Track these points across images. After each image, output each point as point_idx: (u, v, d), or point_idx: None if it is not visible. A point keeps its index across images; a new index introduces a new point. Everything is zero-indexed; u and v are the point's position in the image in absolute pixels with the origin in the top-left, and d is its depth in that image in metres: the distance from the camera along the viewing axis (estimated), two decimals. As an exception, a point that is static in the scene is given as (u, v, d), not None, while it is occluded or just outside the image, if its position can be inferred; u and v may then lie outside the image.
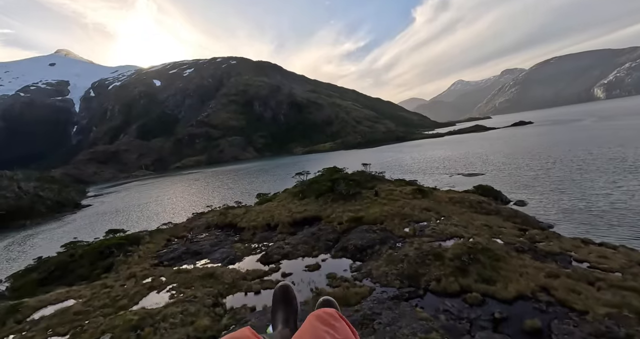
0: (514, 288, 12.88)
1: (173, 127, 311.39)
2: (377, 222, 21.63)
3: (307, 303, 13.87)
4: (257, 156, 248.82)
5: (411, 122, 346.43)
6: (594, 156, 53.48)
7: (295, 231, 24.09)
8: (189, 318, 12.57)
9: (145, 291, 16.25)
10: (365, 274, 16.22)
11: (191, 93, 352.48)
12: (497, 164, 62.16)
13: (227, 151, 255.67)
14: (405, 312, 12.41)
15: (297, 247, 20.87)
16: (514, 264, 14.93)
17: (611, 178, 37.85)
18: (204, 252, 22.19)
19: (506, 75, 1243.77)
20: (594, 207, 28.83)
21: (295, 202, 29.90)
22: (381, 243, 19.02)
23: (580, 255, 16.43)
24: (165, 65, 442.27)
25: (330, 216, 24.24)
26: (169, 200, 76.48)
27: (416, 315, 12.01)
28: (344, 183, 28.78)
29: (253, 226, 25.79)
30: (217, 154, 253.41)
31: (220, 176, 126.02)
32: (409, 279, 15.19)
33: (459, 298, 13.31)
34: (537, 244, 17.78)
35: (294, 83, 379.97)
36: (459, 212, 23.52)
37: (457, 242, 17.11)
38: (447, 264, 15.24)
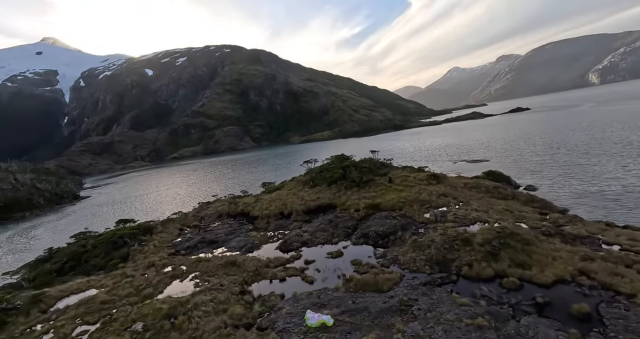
0: (552, 272, 12.65)
1: (167, 118, 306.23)
2: (396, 208, 21.27)
3: (338, 288, 13.57)
4: (254, 145, 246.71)
5: (408, 111, 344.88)
6: (599, 141, 53.45)
7: (310, 219, 23.71)
8: (221, 306, 12.19)
9: (167, 279, 15.83)
10: (392, 261, 15.93)
11: (185, 83, 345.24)
12: (500, 150, 61.99)
13: (223, 141, 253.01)
14: (442, 298, 12.14)
15: (315, 235, 20.49)
16: (545, 248, 14.70)
17: (620, 162, 37.82)
18: (220, 241, 21.75)
19: (502, 62, 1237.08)
20: (608, 191, 28.76)
21: (306, 190, 29.41)
22: (403, 229, 18.70)
23: (609, 238, 16.27)
24: (156, 54, 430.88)
25: (346, 204, 23.83)
26: (169, 191, 75.61)
27: (455, 301, 11.75)
28: (356, 170, 28.27)
29: (266, 215, 25.34)
30: (213, 145, 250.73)
31: (218, 166, 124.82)
32: (438, 264, 14.92)
33: (494, 283, 13.09)
34: (562, 228, 17.57)
35: (289, 72, 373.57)
36: (477, 197, 23.24)
37: (482, 227, 16.82)
38: (477, 249, 14.96)
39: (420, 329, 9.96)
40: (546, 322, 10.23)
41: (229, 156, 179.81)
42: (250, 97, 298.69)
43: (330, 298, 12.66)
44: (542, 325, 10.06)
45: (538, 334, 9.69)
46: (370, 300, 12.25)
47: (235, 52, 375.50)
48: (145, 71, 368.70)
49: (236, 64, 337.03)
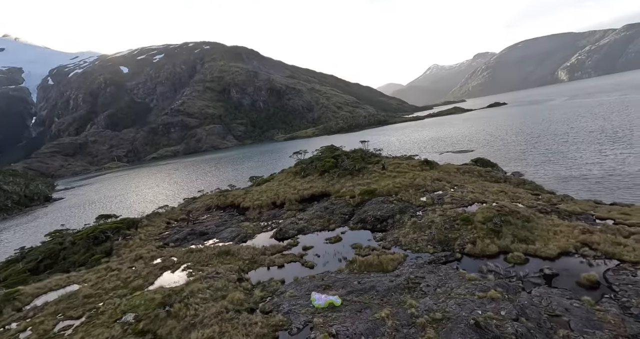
0: (555, 245, 12.63)
1: (145, 117, 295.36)
2: (392, 193, 20.97)
3: (341, 270, 13.06)
4: (238, 144, 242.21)
5: (390, 107, 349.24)
6: (575, 130, 55.69)
7: (305, 208, 23.05)
8: (219, 292, 11.38)
9: (158, 271, 14.77)
10: (393, 243, 15.56)
11: (163, 80, 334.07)
12: (483, 141, 63.47)
13: (205, 139, 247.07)
14: (449, 274, 11.85)
15: (311, 222, 19.87)
16: (545, 224, 14.75)
17: (597, 148, 39.41)
18: (210, 233, 20.71)
19: (478, 60, 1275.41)
20: (590, 174, 29.80)
21: (298, 180, 28.70)
22: (401, 212, 18.40)
23: (602, 214, 16.59)
24: (132, 51, 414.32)
25: (340, 191, 23.33)
26: (151, 190, 72.68)
27: (463, 276, 11.47)
28: (348, 159, 27.81)
29: (258, 205, 24.45)
30: (194, 144, 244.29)
31: (201, 164, 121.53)
32: (441, 244, 14.67)
33: (499, 259, 12.95)
34: (557, 206, 17.79)
35: (271, 69, 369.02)
36: (471, 181, 23.34)
37: (481, 207, 16.73)
38: (478, 227, 14.82)
39: (433, 304, 9.58)
40: (557, 292, 10.11)
41: (212, 155, 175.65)
42: (232, 95, 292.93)
43: (335, 280, 12.11)
44: (553, 295, 9.91)
45: (551, 303, 9.52)
46: (377, 280, 11.80)
47: (215, 48, 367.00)
48: (120, 69, 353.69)
49: (216, 61, 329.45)
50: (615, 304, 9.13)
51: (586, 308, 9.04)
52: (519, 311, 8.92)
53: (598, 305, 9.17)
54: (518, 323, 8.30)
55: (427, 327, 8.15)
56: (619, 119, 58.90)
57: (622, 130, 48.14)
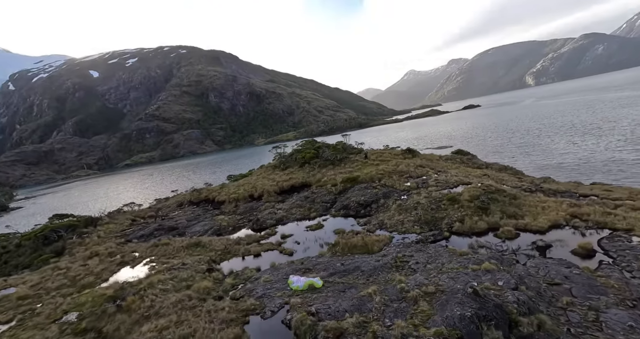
0: (545, 219, 12.09)
1: (118, 123, 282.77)
2: (375, 179, 20.12)
3: (322, 254, 11.90)
4: (217, 149, 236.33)
5: (370, 111, 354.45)
6: (546, 126, 57.80)
7: (284, 199, 21.74)
8: (183, 283, 9.89)
9: (114, 267, 12.97)
10: (377, 226, 14.59)
11: (137, 85, 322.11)
12: (461, 138, 64.63)
13: (183, 145, 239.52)
14: (439, 251, 10.96)
15: (291, 211, 18.62)
16: (532, 201, 14.28)
17: (570, 140, 40.75)
18: (181, 227, 18.92)
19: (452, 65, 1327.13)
20: (566, 163, 30.45)
21: (277, 173, 27.35)
22: (385, 197, 17.52)
23: (585, 191, 16.44)
24: (102, 54, 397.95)
25: (322, 180, 22.24)
26: (121, 195, 68.50)
27: (454, 252, 10.63)
28: (330, 149, 26.84)
29: (234, 199, 22.87)
30: (171, 149, 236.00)
31: (177, 169, 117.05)
32: (427, 224, 13.85)
33: (489, 235, 12.25)
34: (541, 186, 17.56)
35: (251, 73, 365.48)
36: (453, 167, 22.95)
37: (467, 187, 16.15)
38: (465, 206, 14.14)
39: (424, 279, 8.59)
40: (553, 262, 9.42)
41: (190, 160, 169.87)
42: (211, 99, 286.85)
43: (316, 263, 10.91)
44: (550, 265, 9.22)
45: (549, 272, 8.80)
46: (361, 261, 10.72)
47: (192, 52, 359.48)
48: (90, 73, 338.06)
49: (194, 65, 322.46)
50: (616, 269, 8.51)
51: (587, 274, 8.37)
52: (518, 280, 8.10)
53: (598, 271, 8.52)
54: (518, 292, 7.45)
55: (419, 300, 7.13)
56: (585, 116, 61.85)
57: (590, 124, 50.37)
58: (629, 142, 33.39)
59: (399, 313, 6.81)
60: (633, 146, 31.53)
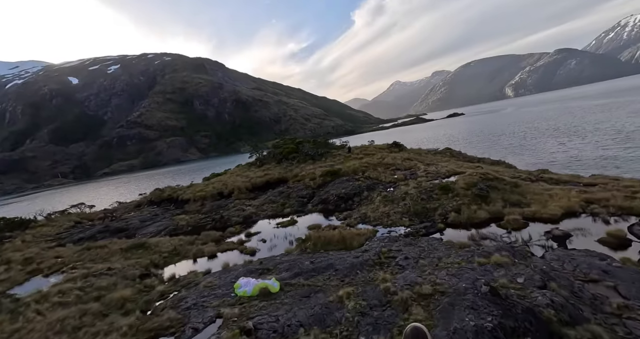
0: (556, 205, 10.13)
1: (98, 130, 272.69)
2: (358, 172, 17.96)
3: (290, 252, 9.50)
4: (202, 156, 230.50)
5: (357, 119, 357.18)
6: (531, 129, 57.78)
7: (257, 196, 19.23)
8: (95, 293, 7.24)
9: (22, 276, 10.07)
10: (359, 219, 12.32)
11: (119, 92, 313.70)
12: (447, 142, 63.78)
13: (166, 153, 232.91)
14: (433, 244, 8.76)
15: (261, 208, 16.15)
16: (535, 188, 12.41)
17: (557, 141, 40.12)
18: (131, 229, 16.02)
19: (436, 77, 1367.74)
20: (557, 160, 29.33)
21: (252, 170, 24.86)
22: (369, 189, 15.34)
23: (590, 181, 14.76)
24: (83, 61, 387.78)
25: (299, 175, 19.90)
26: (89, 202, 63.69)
27: (452, 245, 8.45)
28: (310, 143, 24.65)
29: (200, 197, 20.16)
30: (154, 157, 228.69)
31: (156, 176, 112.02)
32: (418, 215, 11.68)
33: (492, 227, 10.18)
34: (541, 176, 15.81)
35: (237, 81, 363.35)
36: (443, 160, 21.11)
37: (462, 175, 14.18)
38: (461, 194, 12.09)
39: (416, 277, 6.33)
40: (579, 253, 7.35)
41: (172, 168, 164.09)
42: (196, 107, 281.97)
43: (278, 263, 8.48)
44: (578, 257, 7.14)
45: (579, 266, 6.70)
46: (337, 257, 8.37)
47: (177, 60, 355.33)
48: (69, 79, 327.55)
49: (179, 72, 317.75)
50: (666, 259, 6.50)
51: (633, 268, 6.30)
52: (543, 276, 5.93)
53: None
54: (549, 291, 5.26)
55: (411, 305, 4.84)
56: (568, 120, 62.41)
57: (574, 126, 50.40)
58: (617, 141, 32.76)
59: (381, 326, 4.50)
60: (621, 145, 30.85)
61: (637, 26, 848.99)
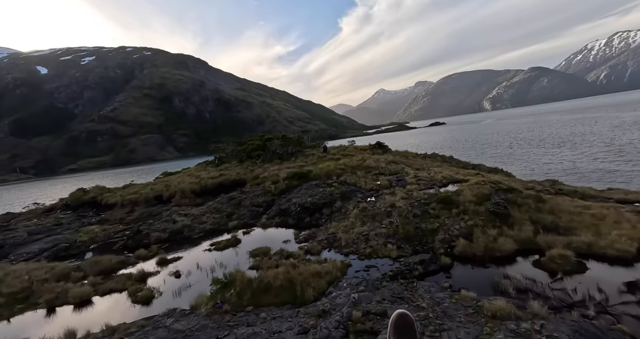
0: (622, 235, 6.74)
1: (67, 124, 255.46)
2: (332, 175, 14.19)
3: (196, 308, 5.41)
4: (179, 155, 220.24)
5: (341, 124, 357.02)
6: (516, 139, 56.59)
7: (204, 202, 15.04)
8: None
9: None
10: (326, 243, 8.50)
11: (92, 84, 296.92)
12: (433, 149, 61.13)
13: (140, 150, 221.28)
14: (439, 302, 5.09)
15: (200, 219, 12.02)
16: (568, 205, 9.06)
17: (546, 151, 38.34)
18: (7, 246, 11.40)
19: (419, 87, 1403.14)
20: (551, 172, 26.89)
21: (208, 170, 20.59)
22: (344, 198, 11.59)
23: (620, 196, 11.70)
24: (54, 50, 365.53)
25: (260, 177, 15.90)
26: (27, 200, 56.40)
27: (475, 309, 4.76)
28: (280, 140, 20.74)
29: (130, 201, 15.71)
30: (127, 154, 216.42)
31: (124, 175, 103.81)
32: (410, 241, 7.99)
33: (523, 263, 6.65)
34: (560, 188, 12.67)
35: (220, 80, 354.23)
36: (435, 165, 17.76)
37: (468, 184, 10.70)
38: (470, 210, 8.55)
39: None
40: None
41: (145, 166, 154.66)
42: (175, 104, 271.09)
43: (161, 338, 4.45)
44: None
45: None
46: (271, 328, 4.46)
47: (158, 55, 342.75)
48: (37, 69, 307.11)
49: (158, 68, 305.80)
50: None
51: None
52: None
53: None
54: None
55: None
56: (550, 131, 62.01)
57: (559, 137, 49.38)
58: (610, 153, 30.99)
59: None
60: (617, 157, 28.99)
61: (601, 50, 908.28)
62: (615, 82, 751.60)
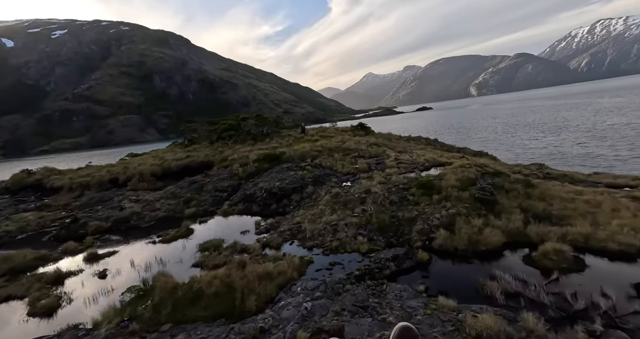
0: (622, 225, 5.84)
1: (39, 102, 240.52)
2: (307, 158, 12.91)
3: (99, 324, 4.10)
4: (161, 138, 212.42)
5: (329, 108, 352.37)
6: (501, 124, 56.53)
7: (165, 185, 13.53)
8: None
9: None
10: (288, 234, 7.33)
11: (65, 60, 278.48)
12: (419, 133, 60.79)
13: (119, 131, 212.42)
14: (412, 309, 3.99)
15: (153, 206, 10.61)
16: (558, 190, 8.17)
17: (531, 136, 38.14)
18: None
19: (407, 71, 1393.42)
20: (536, 157, 26.42)
21: (176, 151, 18.91)
22: (316, 183, 10.41)
23: (609, 181, 11.02)
24: (21, 21, 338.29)
25: (229, 159, 14.45)
26: None
27: (454, 324, 3.70)
28: (254, 119, 19.13)
29: (79, 184, 14.03)
30: (104, 136, 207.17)
31: (99, 157, 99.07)
32: (383, 231, 6.93)
33: (512, 258, 5.72)
34: (547, 172, 11.88)
35: (204, 59, 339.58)
36: (419, 148, 16.73)
37: (451, 167, 9.67)
38: (453, 197, 7.52)
39: None
40: None
41: (123, 148, 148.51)
42: (156, 83, 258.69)
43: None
44: None
45: None
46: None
47: (136, 30, 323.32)
48: (2, 41, 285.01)
49: (137, 44, 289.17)
50: None
51: None
52: None
53: None
54: None
55: None
56: (535, 117, 62.25)
57: (544, 123, 49.44)
58: (594, 138, 30.91)
59: None
60: (599, 142, 28.90)
61: (584, 38, 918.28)
62: (595, 69, 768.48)
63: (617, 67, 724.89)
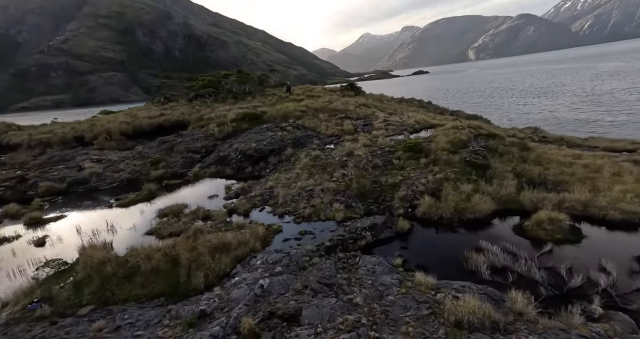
0: (625, 191, 5.24)
1: (10, 55, 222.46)
2: (289, 118, 11.83)
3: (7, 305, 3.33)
4: (147, 98, 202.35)
5: (323, 70, 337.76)
6: (497, 89, 54.95)
7: (135, 145, 12.44)
8: None
9: None
10: (260, 200, 6.62)
11: (36, 8, 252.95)
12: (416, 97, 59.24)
13: (101, 89, 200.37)
14: (389, 289, 3.38)
15: (116, 167, 9.72)
16: (555, 154, 7.50)
17: (527, 101, 37.07)
18: None
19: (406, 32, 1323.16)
20: (531, 121, 25.61)
21: (151, 108, 17.48)
22: (297, 145, 9.53)
23: (606, 145, 10.41)
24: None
25: (205, 118, 13.24)
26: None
27: (433, 309, 3.10)
28: (236, 75, 17.49)
29: (40, 141, 12.89)
30: (86, 94, 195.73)
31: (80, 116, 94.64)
32: (363, 198, 6.26)
33: (502, 226, 5.16)
34: (543, 135, 11.18)
35: (190, 13, 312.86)
36: (411, 110, 15.70)
37: (441, 129, 8.82)
38: (442, 160, 6.79)
39: None
40: None
41: (107, 107, 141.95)
42: (139, 38, 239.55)
43: None
44: None
45: None
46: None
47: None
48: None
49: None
50: None
51: None
52: None
53: None
54: None
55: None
56: (532, 81, 60.50)
57: (539, 87, 48.09)
58: (590, 104, 30.06)
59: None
60: (595, 107, 28.14)
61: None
62: (597, 33, 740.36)
63: (620, 30, 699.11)
